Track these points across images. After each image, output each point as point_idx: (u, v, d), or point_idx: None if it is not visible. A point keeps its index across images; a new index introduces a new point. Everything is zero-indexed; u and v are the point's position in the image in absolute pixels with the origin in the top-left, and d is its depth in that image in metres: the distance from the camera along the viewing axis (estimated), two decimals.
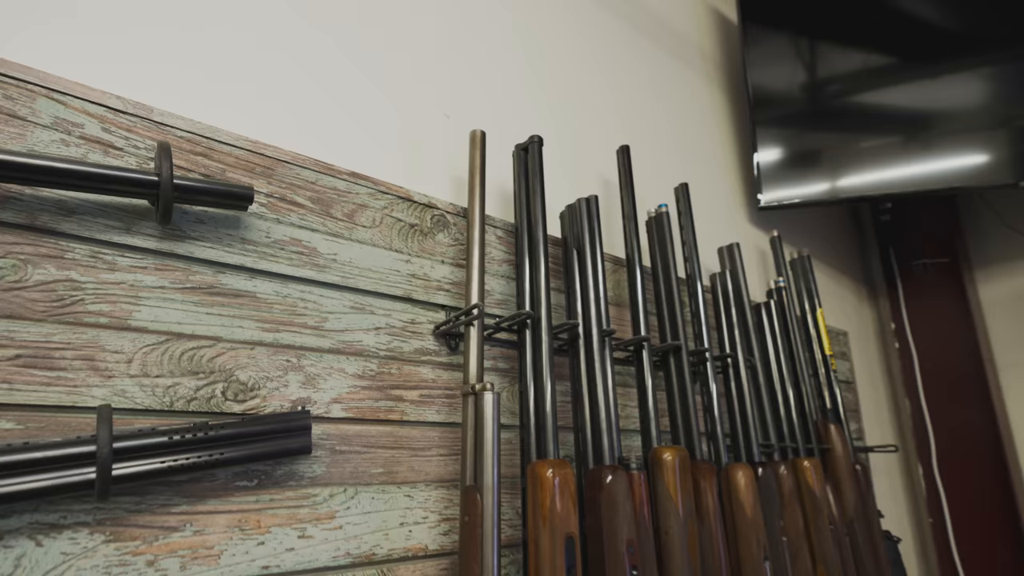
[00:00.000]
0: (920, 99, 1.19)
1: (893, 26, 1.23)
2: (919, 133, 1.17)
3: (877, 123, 1.20)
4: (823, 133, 1.21)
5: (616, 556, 0.53)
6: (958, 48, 1.19)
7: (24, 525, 0.36)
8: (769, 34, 1.23)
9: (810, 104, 1.23)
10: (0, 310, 0.38)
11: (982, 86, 1.17)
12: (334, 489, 0.49)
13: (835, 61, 1.24)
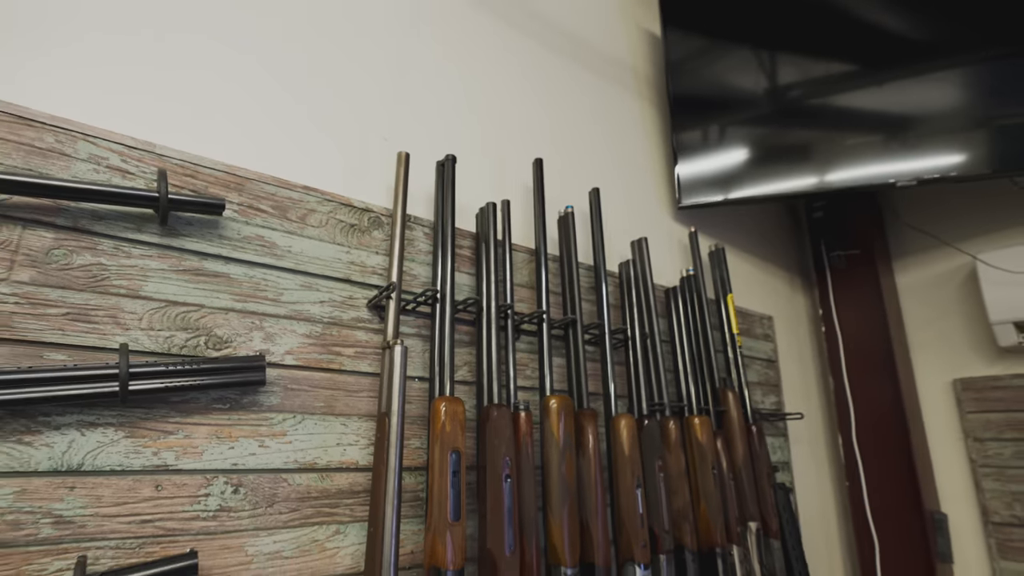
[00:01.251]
0: (842, 101, 1.34)
1: (815, 29, 1.39)
2: (836, 135, 1.33)
3: (797, 124, 1.36)
4: (744, 136, 1.38)
5: (495, 467, 0.71)
6: (895, 53, 1.35)
7: (73, 421, 0.56)
8: (689, 42, 1.40)
9: (732, 108, 1.40)
10: (57, 282, 0.57)
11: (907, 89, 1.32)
12: (286, 415, 0.68)
13: (760, 66, 1.40)
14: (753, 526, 1.03)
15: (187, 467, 0.61)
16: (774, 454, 1.35)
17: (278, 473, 0.66)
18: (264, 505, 0.64)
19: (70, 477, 0.55)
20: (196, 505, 0.60)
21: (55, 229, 0.59)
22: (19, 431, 0.53)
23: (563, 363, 0.95)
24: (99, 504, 0.55)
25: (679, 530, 0.91)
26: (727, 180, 1.35)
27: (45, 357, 0.56)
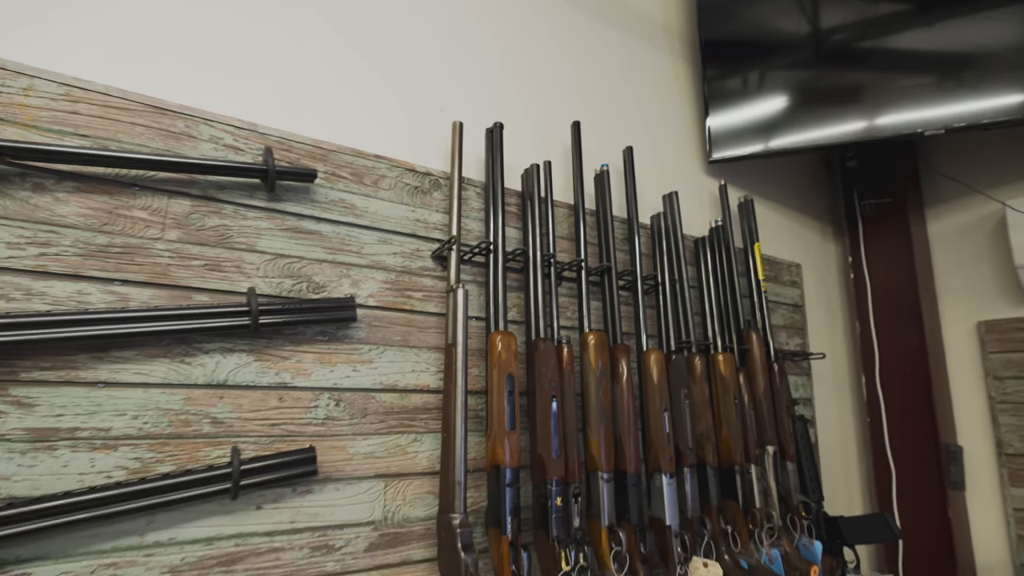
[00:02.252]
0: (887, 44, 1.35)
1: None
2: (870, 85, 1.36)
3: (835, 69, 1.39)
4: (778, 83, 1.42)
5: (543, 390, 0.85)
6: None
7: (217, 348, 0.72)
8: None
9: (767, 53, 1.44)
10: (196, 240, 0.73)
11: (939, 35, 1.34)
12: (371, 346, 0.83)
13: (792, 16, 1.43)
14: (771, 449, 1.15)
15: (300, 385, 0.77)
16: (797, 391, 1.46)
17: (368, 392, 0.82)
18: (359, 416, 0.80)
19: (219, 390, 0.71)
20: (308, 414, 0.77)
21: (191, 198, 0.74)
22: (181, 354, 0.70)
23: (599, 305, 1.07)
24: (240, 410, 0.72)
25: (702, 449, 1.04)
26: (759, 132, 1.41)
27: (193, 299, 0.72)
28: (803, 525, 1.13)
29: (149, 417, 0.67)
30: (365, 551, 0.78)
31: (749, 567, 0.99)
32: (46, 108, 0.67)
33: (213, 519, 0.69)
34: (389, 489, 0.81)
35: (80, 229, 0.67)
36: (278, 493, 0.73)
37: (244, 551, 0.70)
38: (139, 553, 0.64)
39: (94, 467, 0.63)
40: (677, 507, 0.95)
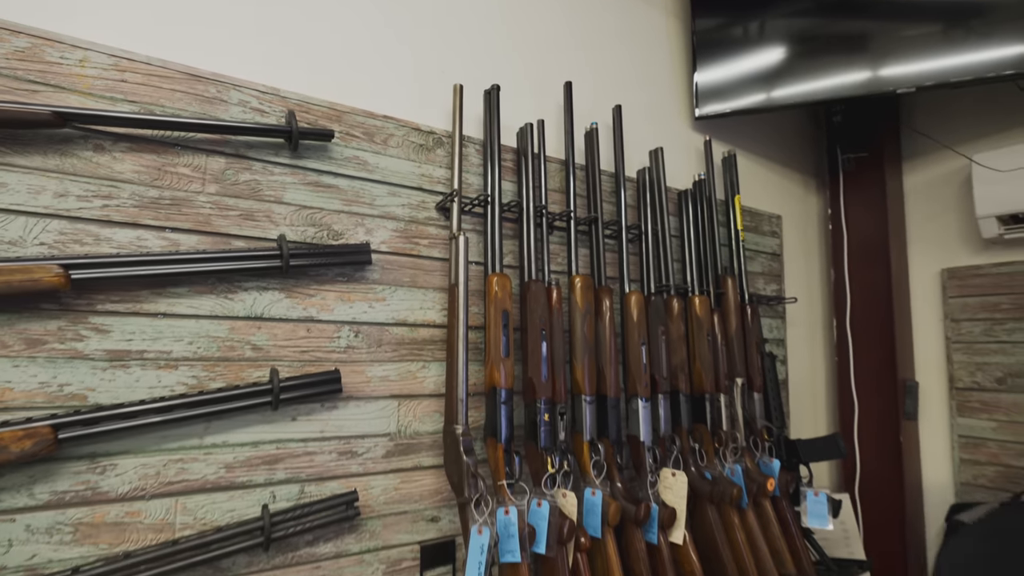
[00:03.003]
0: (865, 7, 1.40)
1: None
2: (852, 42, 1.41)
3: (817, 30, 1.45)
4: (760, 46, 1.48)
5: (534, 325, 0.98)
6: None
7: (254, 286, 0.84)
8: None
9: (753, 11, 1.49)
10: (231, 193, 0.84)
11: None
12: (384, 286, 0.95)
13: None
14: (739, 381, 1.29)
15: (325, 318, 0.90)
16: (771, 332, 1.59)
17: (382, 326, 0.95)
18: (375, 346, 0.94)
19: (257, 321, 0.84)
20: (332, 343, 0.90)
21: (225, 156, 0.84)
22: (224, 291, 0.82)
23: (587, 252, 1.19)
24: (276, 339, 0.85)
25: (676, 379, 1.18)
26: (745, 88, 1.48)
27: (232, 244, 0.84)
28: (765, 446, 1.28)
29: (201, 343, 0.80)
30: (383, 457, 0.93)
31: (713, 478, 1.15)
32: (99, 77, 0.77)
33: (257, 427, 0.83)
34: (402, 407, 0.95)
35: (135, 184, 0.78)
36: (310, 408, 0.87)
37: (283, 453, 0.85)
38: (200, 452, 0.79)
39: (160, 382, 0.77)
40: (651, 426, 1.10)
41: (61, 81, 0.74)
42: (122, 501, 0.74)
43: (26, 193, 0.71)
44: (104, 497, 0.73)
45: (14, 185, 0.71)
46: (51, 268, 0.68)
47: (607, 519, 0.96)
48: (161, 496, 0.76)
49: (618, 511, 0.97)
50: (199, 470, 0.79)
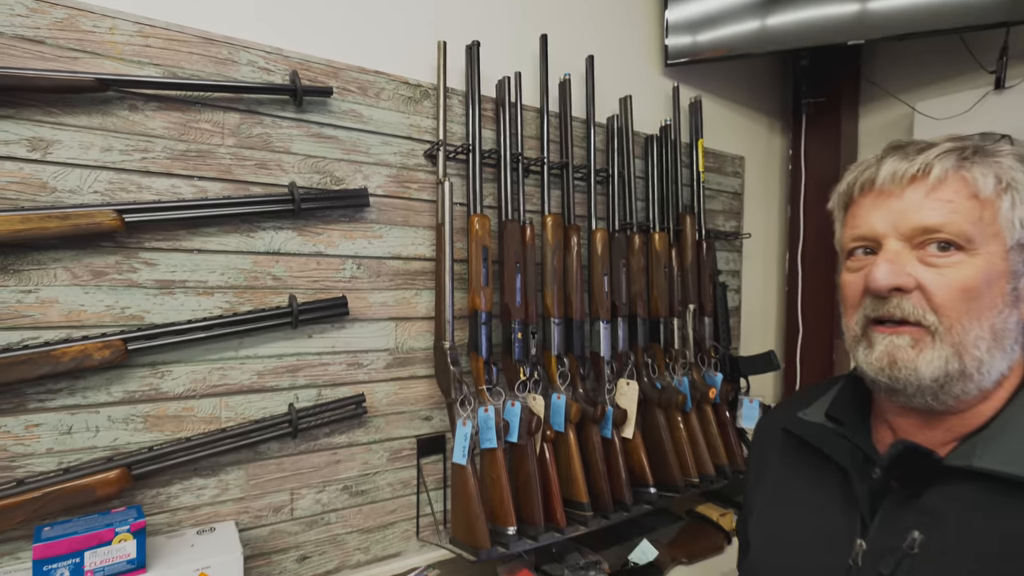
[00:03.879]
0: None
1: None
2: None
3: None
4: None
5: (510, 259, 1.15)
6: None
7: (271, 225, 1.00)
8: None
9: None
10: (247, 144, 0.97)
11: None
12: (381, 225, 1.11)
13: None
14: (692, 307, 1.49)
15: (331, 253, 1.06)
16: (728, 265, 1.78)
17: (380, 259, 1.11)
18: (375, 276, 1.10)
19: (275, 256, 1.00)
20: (338, 274, 1.07)
21: (239, 112, 0.97)
22: (246, 230, 0.98)
23: (559, 193, 1.34)
24: (291, 271, 1.02)
25: (634, 304, 1.37)
26: (713, 34, 1.57)
27: (250, 190, 0.98)
28: (711, 362, 1.50)
29: (231, 274, 0.97)
30: (384, 368, 1.12)
31: (662, 387, 1.37)
32: (127, 44, 0.88)
33: (281, 343, 1.01)
34: (399, 327, 1.14)
35: (166, 139, 0.91)
36: (322, 327, 1.05)
37: (302, 364, 1.03)
38: (236, 362, 0.97)
39: (200, 306, 0.94)
40: (610, 344, 1.30)
41: (96, 48, 0.86)
42: (178, 399, 0.93)
43: (78, 148, 0.85)
44: (164, 396, 0.92)
45: (67, 142, 0.84)
46: (109, 213, 0.83)
47: (569, 417, 1.17)
48: (208, 396, 0.95)
49: (579, 411, 1.19)
50: (236, 376, 0.97)
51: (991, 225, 0.52)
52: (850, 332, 0.59)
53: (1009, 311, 0.52)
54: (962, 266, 0.51)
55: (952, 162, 0.53)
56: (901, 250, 0.54)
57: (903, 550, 0.51)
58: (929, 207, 0.52)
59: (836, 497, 0.60)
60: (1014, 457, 0.48)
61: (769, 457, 0.71)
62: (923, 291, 0.52)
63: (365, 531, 1.11)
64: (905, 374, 0.52)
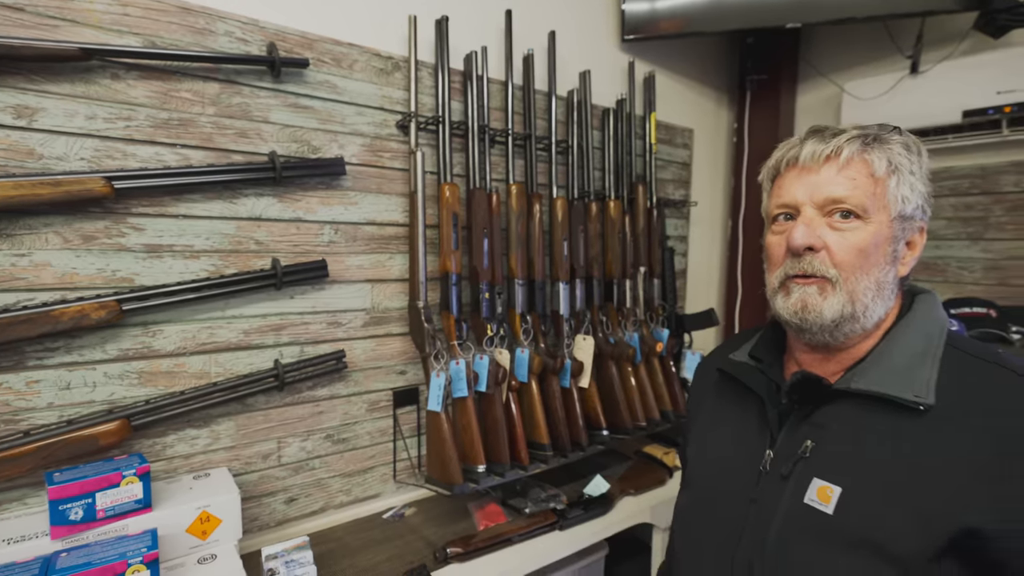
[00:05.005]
0: None
1: None
2: None
3: None
4: None
5: (478, 225, 1.24)
6: None
7: (253, 192, 1.05)
8: None
9: None
10: (226, 113, 1.01)
11: None
12: (356, 192, 1.17)
13: None
14: (642, 269, 1.62)
15: (310, 219, 1.12)
16: (676, 230, 1.92)
17: (356, 224, 1.18)
18: (351, 241, 1.18)
19: (257, 221, 1.06)
20: (317, 239, 1.13)
21: (218, 82, 1.01)
22: (229, 196, 1.03)
23: (523, 163, 1.42)
24: (272, 236, 1.08)
25: (591, 267, 1.49)
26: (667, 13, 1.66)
27: (231, 158, 1.03)
28: (659, 319, 1.65)
29: (216, 239, 1.02)
30: (361, 326, 1.21)
31: (615, 341, 1.51)
32: (105, 12, 0.90)
33: (265, 303, 1.08)
34: (375, 289, 1.22)
35: (148, 107, 0.94)
36: (303, 289, 1.12)
37: (285, 323, 1.11)
38: (223, 321, 1.04)
39: (188, 269, 1.00)
40: (569, 303, 1.42)
41: (76, 16, 0.87)
42: (170, 357, 0.99)
43: (62, 116, 0.87)
44: (157, 353, 0.98)
45: (52, 110, 0.87)
46: (99, 180, 0.87)
47: (532, 369, 1.30)
48: (198, 353, 1.02)
49: (540, 363, 1.31)
50: (224, 335, 1.04)
51: (881, 199, 0.65)
52: (771, 285, 0.71)
53: (889, 267, 0.66)
54: (858, 231, 0.64)
55: (857, 146, 0.65)
56: (814, 216, 0.66)
57: (798, 455, 0.65)
58: (838, 182, 0.65)
59: (754, 420, 0.74)
60: (879, 380, 0.63)
61: (705, 394, 0.85)
62: (828, 251, 0.65)
63: (347, 475, 1.22)
64: (813, 316, 0.65)
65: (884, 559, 0.55)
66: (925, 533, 0.54)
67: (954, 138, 1.55)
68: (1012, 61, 1.43)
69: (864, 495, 0.59)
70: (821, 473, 0.63)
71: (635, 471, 1.45)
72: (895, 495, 0.57)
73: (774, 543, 0.63)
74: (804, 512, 0.62)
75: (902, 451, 0.59)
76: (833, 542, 0.59)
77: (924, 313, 0.68)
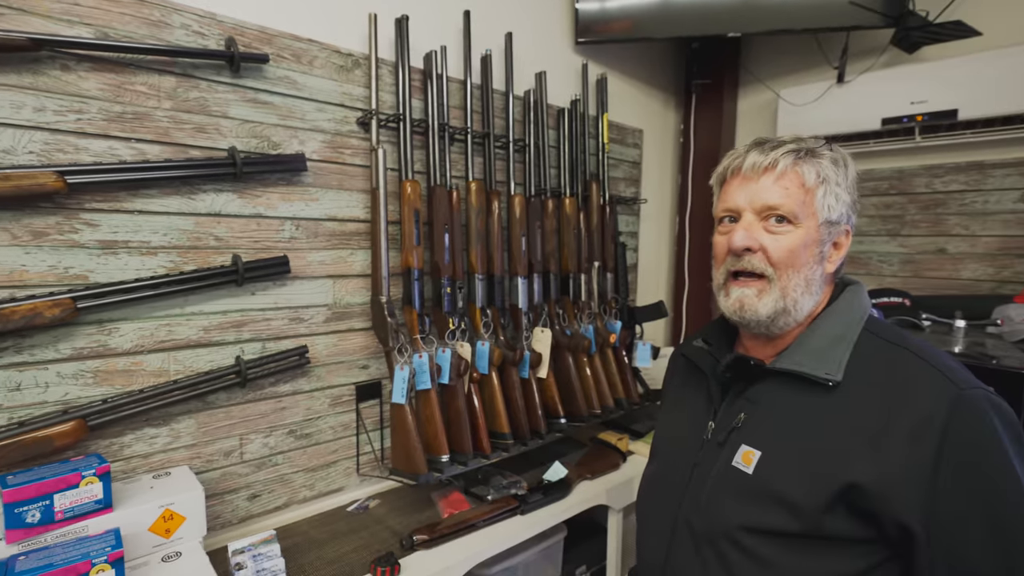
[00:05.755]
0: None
1: None
2: None
3: None
4: None
5: (439, 222, 1.27)
6: None
7: (211, 188, 1.04)
8: None
9: None
10: (184, 108, 1.00)
11: None
12: (317, 188, 1.18)
13: None
14: (596, 264, 1.69)
15: (270, 215, 1.12)
16: (627, 226, 2.00)
17: (317, 220, 1.19)
18: (312, 237, 1.18)
19: (217, 217, 1.05)
20: (278, 235, 1.13)
21: (175, 76, 0.99)
22: (187, 192, 1.01)
23: (482, 161, 1.46)
24: (232, 231, 1.07)
25: (547, 262, 1.54)
26: (619, 18, 1.73)
27: (189, 153, 1.01)
28: (612, 312, 1.72)
29: (173, 234, 1.01)
30: (324, 322, 1.21)
31: (571, 333, 1.57)
32: (55, 1, 0.87)
33: (225, 300, 1.07)
34: (336, 284, 1.23)
35: (101, 100, 0.92)
36: (264, 285, 1.12)
37: (247, 319, 1.10)
38: (182, 318, 1.03)
39: (144, 265, 0.98)
40: (527, 297, 1.47)
41: (23, 4, 0.84)
42: (127, 355, 0.97)
43: (9, 108, 0.84)
44: (113, 352, 0.96)
45: None
46: (51, 175, 0.84)
47: (492, 361, 1.34)
48: (156, 351, 1.00)
49: (500, 356, 1.36)
50: (183, 332, 1.03)
51: (810, 207, 0.73)
52: (716, 281, 0.79)
53: (817, 266, 0.74)
54: (790, 235, 0.72)
55: (791, 160, 0.73)
56: (753, 221, 0.73)
57: (732, 425, 0.73)
58: (774, 191, 0.72)
59: (703, 397, 0.82)
60: (799, 361, 0.71)
61: (673, 377, 0.94)
62: (765, 251, 0.73)
63: (310, 470, 1.22)
64: (750, 315, 0.74)
65: (788, 510, 0.65)
66: (819, 488, 0.64)
67: (875, 143, 1.70)
68: (924, 74, 1.57)
69: (777, 458, 0.68)
70: (748, 440, 0.71)
71: (591, 456, 1.52)
72: (800, 457, 0.67)
73: (706, 500, 0.71)
74: (731, 473, 0.70)
75: (811, 420, 0.68)
76: (750, 497, 0.68)
77: (846, 303, 0.77)
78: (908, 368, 0.67)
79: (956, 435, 0.61)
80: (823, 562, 0.65)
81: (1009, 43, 1.48)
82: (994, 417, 0.62)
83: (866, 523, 0.63)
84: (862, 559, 0.65)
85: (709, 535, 0.71)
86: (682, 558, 0.74)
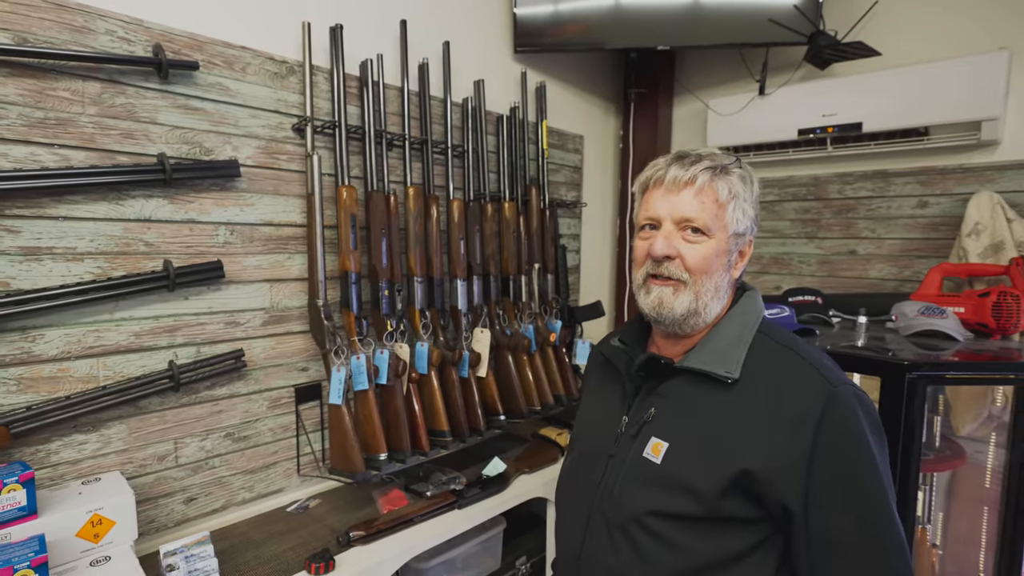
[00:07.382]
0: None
1: None
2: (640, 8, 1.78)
3: None
4: None
5: (376, 227, 1.30)
6: None
7: (141, 194, 1.04)
8: None
9: None
10: (110, 114, 1.00)
11: None
12: (252, 194, 1.19)
13: None
14: (536, 266, 1.75)
15: (204, 220, 1.13)
16: (570, 229, 2.08)
17: (253, 225, 1.20)
18: (248, 242, 1.19)
19: (146, 223, 1.06)
20: (212, 240, 1.14)
21: (100, 81, 0.99)
22: (115, 198, 1.02)
23: (420, 166, 1.50)
24: (164, 237, 1.08)
25: (487, 264, 1.59)
26: (556, 27, 1.80)
27: (116, 159, 1.02)
28: (552, 311, 1.79)
29: (101, 240, 1.01)
30: (261, 326, 1.23)
31: (511, 333, 1.63)
32: None
33: (157, 305, 1.08)
34: (273, 288, 1.24)
35: (21, 106, 0.92)
36: (198, 290, 1.13)
37: (180, 324, 1.11)
38: (112, 324, 1.03)
39: (70, 272, 0.98)
40: (467, 299, 1.52)
41: None
42: (53, 361, 0.97)
43: None
44: (37, 359, 0.95)
45: None
46: None
47: (432, 361, 1.38)
48: (85, 357, 1.00)
49: (440, 356, 1.40)
50: (113, 338, 1.03)
51: (722, 220, 0.80)
52: (636, 282, 0.86)
53: (725, 273, 0.82)
54: (704, 244, 0.79)
55: (708, 176, 0.80)
56: (672, 231, 0.80)
57: (644, 419, 0.80)
58: (691, 204, 0.79)
59: (618, 393, 0.88)
60: (702, 360, 0.78)
61: (591, 374, 1.00)
62: (682, 259, 0.79)
63: (249, 472, 1.24)
64: (667, 311, 0.80)
65: (690, 495, 0.71)
66: (717, 475, 0.71)
67: (793, 152, 1.82)
68: (834, 89, 1.70)
69: (681, 448, 0.75)
70: (657, 433, 0.78)
71: (531, 451, 1.58)
72: (702, 447, 0.74)
73: (619, 489, 0.77)
74: (641, 463, 0.77)
75: (712, 413, 0.75)
76: (658, 484, 0.74)
77: (745, 307, 0.84)
78: (792, 367, 0.75)
79: (828, 426, 0.69)
80: (721, 540, 0.72)
81: (905, 63, 1.62)
82: (858, 408, 0.71)
83: (756, 505, 0.71)
84: (752, 536, 0.72)
85: (620, 521, 0.77)
86: (596, 545, 0.80)
